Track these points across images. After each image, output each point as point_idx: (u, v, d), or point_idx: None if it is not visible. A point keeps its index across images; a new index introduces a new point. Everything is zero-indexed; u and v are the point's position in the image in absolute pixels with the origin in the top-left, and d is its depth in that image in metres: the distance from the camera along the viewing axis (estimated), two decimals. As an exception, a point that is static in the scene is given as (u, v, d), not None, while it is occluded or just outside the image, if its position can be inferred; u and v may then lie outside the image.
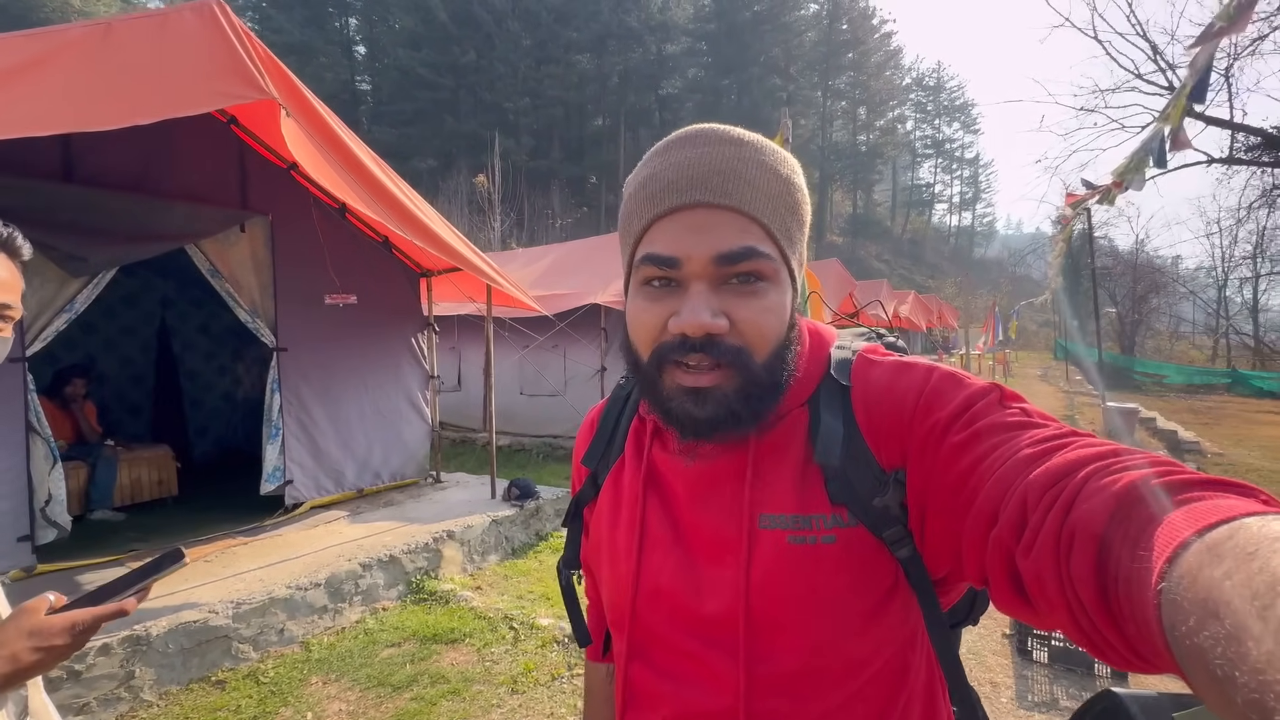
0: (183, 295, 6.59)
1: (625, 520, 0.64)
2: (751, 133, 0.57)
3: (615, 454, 0.69)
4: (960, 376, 0.54)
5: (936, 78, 60.08)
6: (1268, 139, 6.00)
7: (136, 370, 6.47)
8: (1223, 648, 0.24)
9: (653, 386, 0.57)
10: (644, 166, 0.58)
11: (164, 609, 2.83)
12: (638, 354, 0.58)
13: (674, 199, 0.54)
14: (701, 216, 0.53)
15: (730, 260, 0.52)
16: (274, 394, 4.25)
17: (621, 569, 0.63)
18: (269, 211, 4.22)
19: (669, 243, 0.54)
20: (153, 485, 4.82)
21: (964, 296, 37.87)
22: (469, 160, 30.28)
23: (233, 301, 4.09)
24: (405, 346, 5.20)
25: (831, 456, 0.55)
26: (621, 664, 0.64)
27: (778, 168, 0.56)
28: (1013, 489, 0.42)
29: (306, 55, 33.83)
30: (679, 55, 44.94)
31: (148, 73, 2.73)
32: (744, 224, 0.53)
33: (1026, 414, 0.49)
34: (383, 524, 4.18)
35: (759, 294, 0.54)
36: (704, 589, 0.58)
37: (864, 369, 0.59)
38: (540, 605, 3.57)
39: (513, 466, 6.98)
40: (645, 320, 0.56)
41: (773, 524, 0.56)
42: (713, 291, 0.53)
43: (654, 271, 0.55)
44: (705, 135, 0.56)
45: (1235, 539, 0.27)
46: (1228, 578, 0.25)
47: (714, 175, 0.53)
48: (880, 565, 0.54)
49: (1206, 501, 0.32)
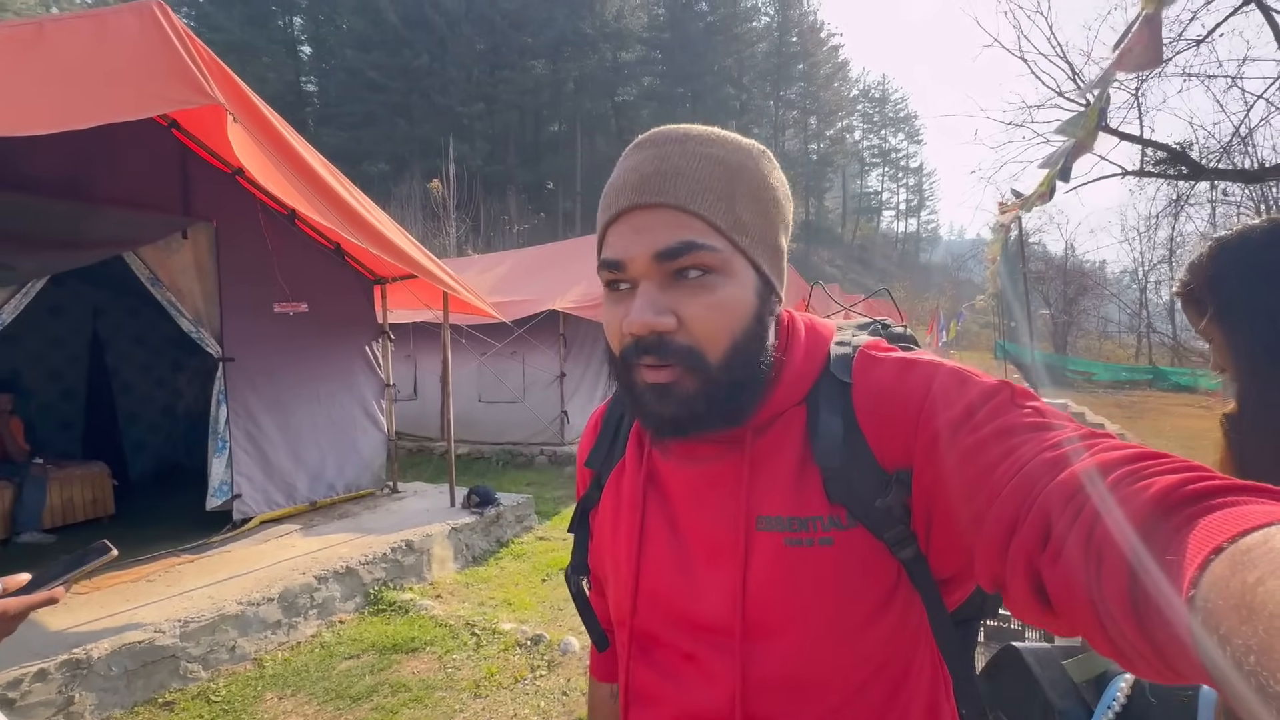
0: (117, 304, 6.27)
1: (625, 522, 0.64)
2: (705, 127, 0.57)
3: (617, 455, 0.69)
4: (967, 374, 0.53)
5: (882, 90, 62.49)
6: (1173, 154, 6.55)
7: (67, 384, 6.12)
8: (1255, 656, 0.23)
9: (626, 385, 0.57)
10: (612, 175, 0.60)
11: (105, 631, 2.72)
12: (613, 355, 0.58)
13: (618, 204, 0.55)
14: (640, 218, 0.54)
15: (669, 256, 0.52)
16: (220, 405, 4.11)
17: (622, 570, 0.64)
18: (213, 218, 4.10)
19: (615, 247, 0.55)
20: (86, 505, 4.59)
21: (911, 300, 39.38)
22: (422, 165, 29.72)
23: (175, 311, 3.95)
24: (359, 355, 5.11)
25: (831, 457, 0.54)
26: (624, 663, 0.64)
27: (727, 158, 0.55)
28: (1034, 495, 0.41)
29: (248, 54, 32.58)
30: (634, 63, 45.35)
31: (84, 76, 2.65)
32: (681, 219, 0.53)
33: (1041, 414, 0.47)
34: (338, 536, 4.10)
35: (708, 288, 0.53)
36: (701, 591, 0.58)
37: (866, 366, 0.58)
38: (502, 611, 3.58)
39: (472, 475, 6.91)
40: (610, 322, 0.57)
41: (770, 525, 0.55)
42: (660, 290, 0.53)
43: (609, 275, 0.56)
44: (654, 138, 0.57)
45: (1270, 544, 0.26)
46: (1261, 584, 0.25)
47: (653, 176, 0.54)
48: (880, 567, 0.53)
49: (1239, 508, 0.31)
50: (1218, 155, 6.75)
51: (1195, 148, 6.94)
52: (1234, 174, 6.54)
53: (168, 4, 2.95)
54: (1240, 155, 6.94)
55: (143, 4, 2.87)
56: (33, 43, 2.66)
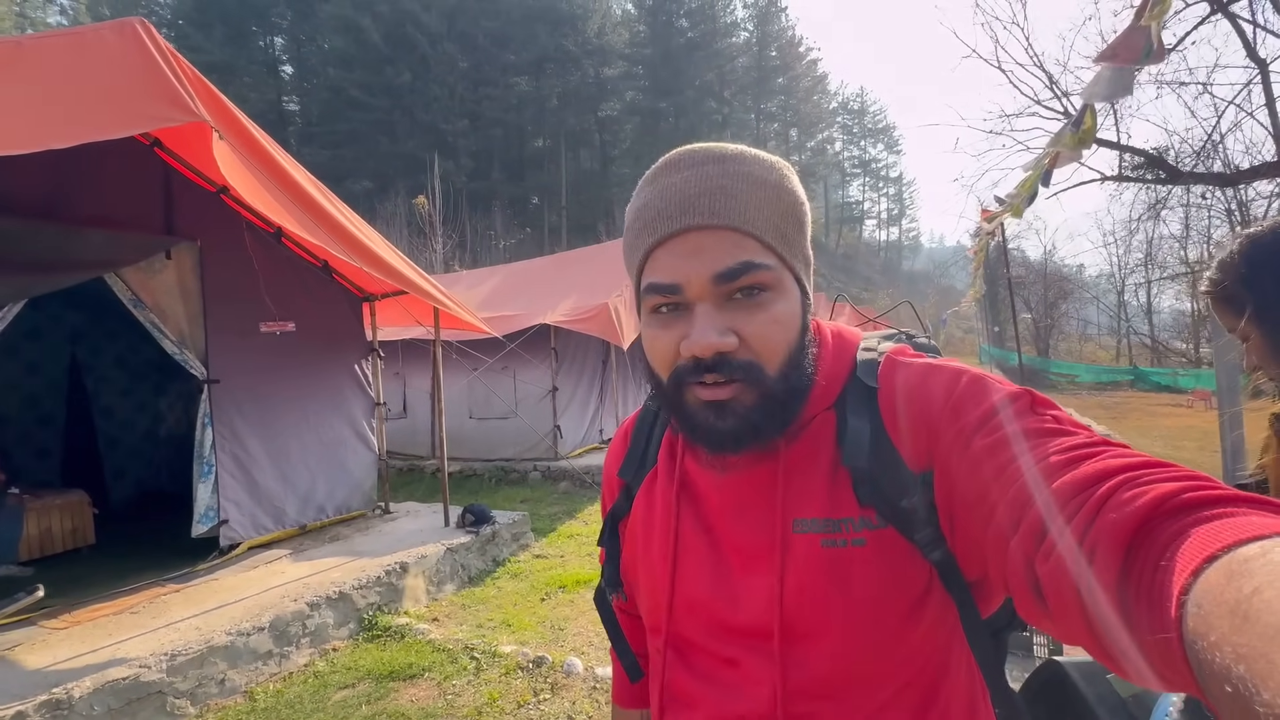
0: (96, 328, 6.12)
1: (659, 531, 0.65)
2: (737, 145, 0.58)
3: (648, 466, 0.70)
4: (990, 380, 0.54)
5: (860, 102, 63.65)
6: (1149, 159, 6.70)
7: (43, 410, 5.94)
8: (1246, 665, 0.24)
9: (676, 405, 0.58)
10: (638, 196, 0.60)
11: (86, 668, 2.60)
12: (659, 378, 0.59)
13: (667, 226, 0.55)
14: (695, 240, 0.55)
15: (729, 278, 0.53)
16: (205, 429, 4.00)
17: (658, 580, 0.64)
18: (197, 237, 4.02)
19: (668, 270, 0.55)
20: (66, 535, 4.42)
21: (895, 309, 39.75)
22: (407, 182, 29.66)
23: (158, 333, 3.85)
24: (348, 374, 5.02)
25: (859, 458, 0.55)
26: (659, 667, 0.64)
27: (765, 176, 0.57)
28: (1036, 495, 0.42)
29: (228, 74, 32.47)
30: (616, 79, 45.80)
31: (65, 94, 2.58)
32: (736, 239, 0.54)
33: (1058, 421, 0.48)
34: (330, 560, 3.99)
35: (764, 305, 0.54)
36: (739, 598, 0.58)
37: (891, 370, 0.59)
38: (501, 632, 3.49)
39: (465, 493, 6.80)
40: (659, 347, 0.57)
41: (806, 528, 0.56)
42: (718, 310, 0.54)
43: (659, 299, 0.56)
44: (690, 157, 0.57)
45: (1268, 556, 0.26)
46: (1257, 594, 0.25)
47: (702, 197, 0.55)
48: (913, 568, 0.54)
49: (1238, 518, 0.31)
50: (1193, 160, 6.91)
51: (1171, 152, 7.11)
52: (1210, 177, 6.69)
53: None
54: (1213, 159, 7.12)
55: (124, 21, 2.81)
56: (11, 60, 2.59)
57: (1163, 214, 10.59)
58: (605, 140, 45.55)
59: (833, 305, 0.81)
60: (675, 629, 0.62)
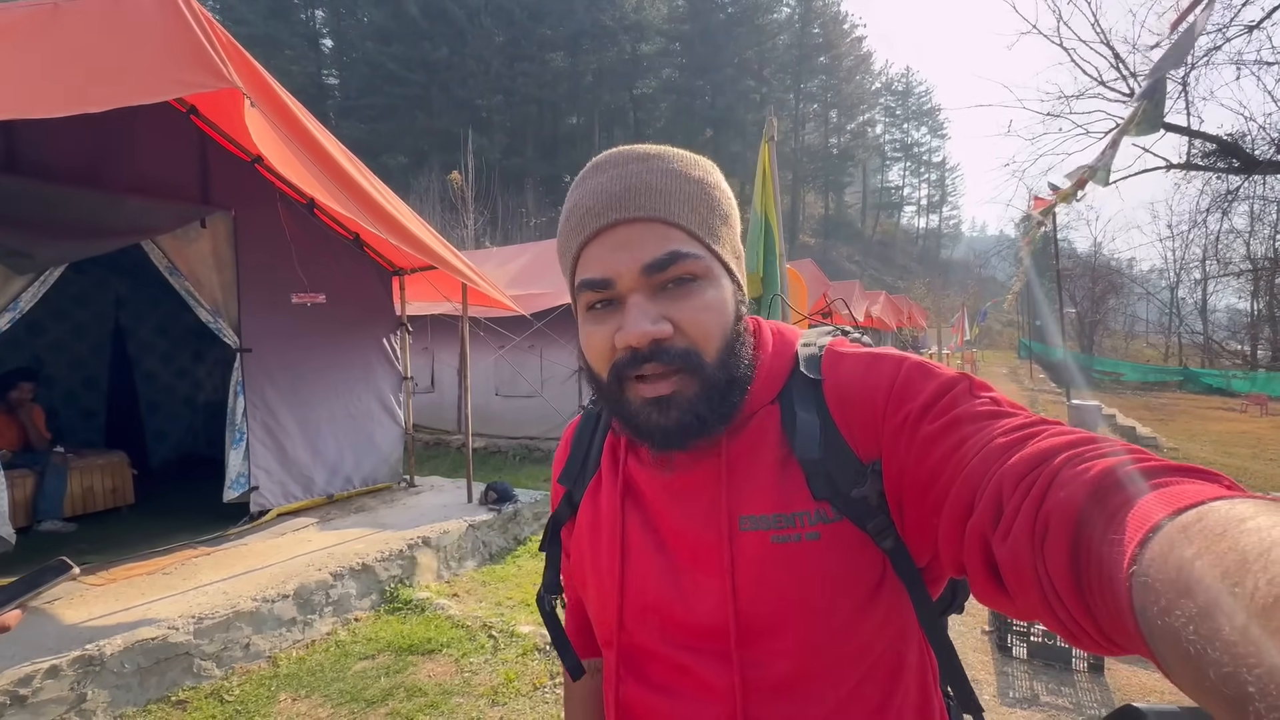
0: (138, 294, 6.29)
1: (606, 536, 0.64)
2: (660, 146, 0.59)
3: (591, 471, 0.69)
4: (930, 366, 0.55)
5: (905, 83, 61.37)
6: (1222, 145, 6.23)
7: (89, 373, 6.16)
8: (1195, 625, 0.25)
9: (617, 403, 0.57)
10: (568, 200, 0.60)
11: (118, 626, 2.67)
12: (598, 376, 0.58)
13: (595, 223, 0.56)
14: (623, 233, 0.55)
15: (658, 268, 0.54)
16: (238, 397, 4.07)
17: (606, 585, 0.63)
18: (232, 207, 4.05)
19: (599, 265, 0.56)
20: (106, 494, 4.58)
21: (933, 297, 38.74)
22: (441, 157, 29.80)
23: (193, 301, 3.91)
24: (377, 347, 5.05)
25: (811, 451, 0.55)
26: (612, 683, 0.63)
27: (688, 171, 0.57)
28: (987, 477, 0.42)
29: (271, 48, 32.86)
30: (653, 55, 45.00)
31: (100, 58, 2.58)
32: (663, 230, 0.55)
33: (996, 403, 0.49)
34: (354, 531, 4.04)
35: (694, 293, 0.55)
36: (690, 597, 0.57)
37: (833, 362, 0.59)
38: (520, 612, 3.49)
39: (488, 469, 6.85)
40: (595, 342, 0.57)
41: (754, 525, 0.55)
42: (650, 300, 0.54)
43: (592, 296, 0.56)
44: (614, 158, 0.58)
45: (1204, 521, 0.28)
46: (1198, 557, 0.26)
47: (627, 193, 0.55)
48: (866, 558, 0.54)
49: (1175, 487, 0.33)
50: (1271, 148, 6.41)
51: (1248, 139, 6.61)
52: (1289, 167, 6.21)
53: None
54: (1294, 148, 6.59)
55: (160, -15, 2.78)
56: (47, 24, 2.59)
57: (1230, 206, 9.94)
58: (640, 119, 44.97)
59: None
60: (627, 639, 0.61)
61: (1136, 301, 28.09)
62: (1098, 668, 2.81)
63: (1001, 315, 33.10)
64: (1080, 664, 2.83)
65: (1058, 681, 2.75)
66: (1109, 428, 10.56)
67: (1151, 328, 28.87)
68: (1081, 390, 15.40)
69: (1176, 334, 25.84)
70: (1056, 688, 2.70)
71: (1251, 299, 21.44)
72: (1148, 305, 27.97)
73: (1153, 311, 27.97)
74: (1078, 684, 2.73)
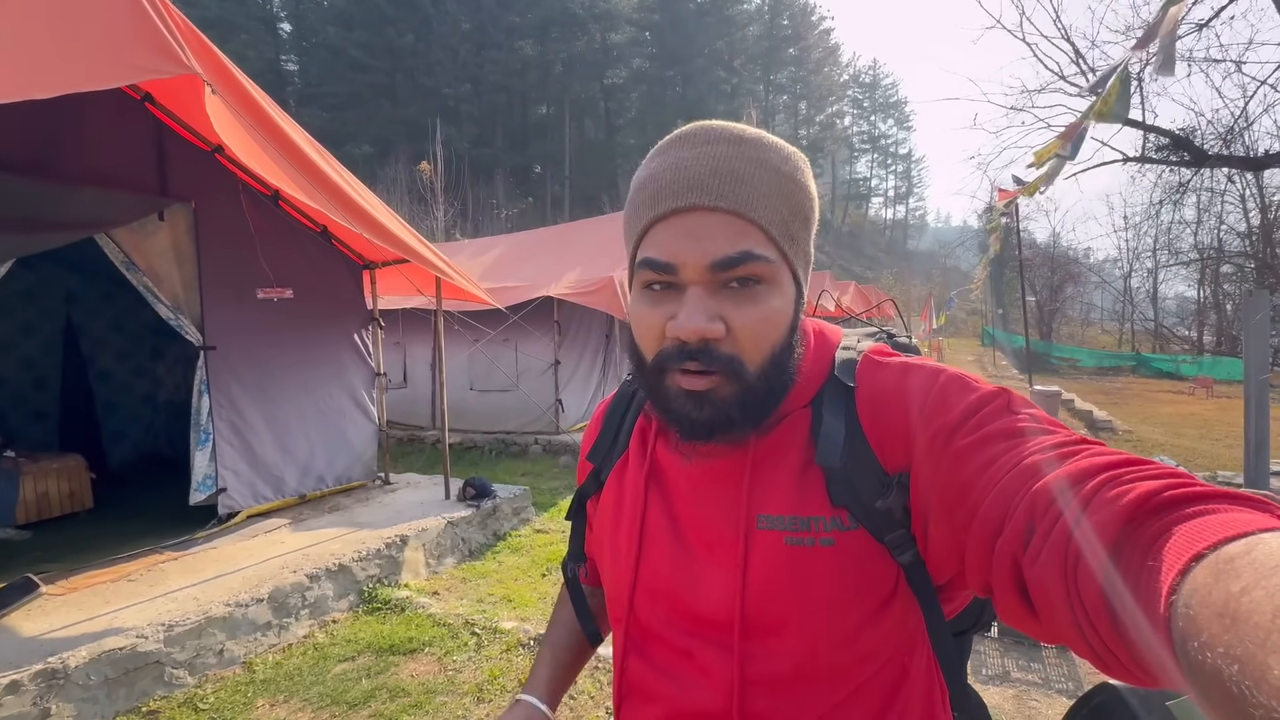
0: (92, 289, 6.01)
1: (627, 516, 0.64)
2: (757, 129, 0.56)
3: (620, 450, 0.69)
4: (968, 379, 0.54)
5: (872, 75, 62.21)
6: (1176, 140, 6.49)
7: (39, 372, 5.86)
8: (1240, 665, 0.24)
9: (656, 388, 0.57)
10: (645, 165, 0.58)
11: (82, 636, 2.56)
12: (642, 356, 0.57)
13: (670, 203, 0.53)
14: (697, 220, 0.53)
15: (727, 265, 0.52)
16: (202, 396, 3.93)
17: (621, 565, 0.63)
18: (192, 198, 3.88)
19: (666, 248, 0.53)
20: (63, 499, 4.39)
21: (900, 287, 39.54)
22: (408, 147, 29.11)
23: (152, 296, 3.75)
24: (348, 342, 4.92)
25: (833, 458, 0.54)
26: (619, 657, 0.64)
27: (779, 165, 0.55)
28: (1020, 496, 0.41)
29: (226, 31, 31.58)
30: (623, 45, 44.65)
31: (48, 42, 2.43)
32: (741, 226, 0.52)
33: (1035, 420, 0.48)
34: (329, 531, 3.95)
35: (757, 299, 0.53)
36: (700, 587, 0.58)
37: (869, 370, 0.59)
38: (502, 608, 3.47)
39: (465, 465, 6.77)
40: (647, 323, 0.56)
41: (771, 525, 0.55)
42: (710, 295, 0.53)
43: (652, 276, 0.54)
44: (703, 133, 0.55)
45: (1253, 554, 0.26)
46: (1246, 593, 0.25)
47: (710, 177, 0.52)
48: (880, 570, 0.53)
49: (1221, 515, 0.31)
50: (1218, 142, 6.70)
51: (1197, 134, 6.89)
52: (1236, 161, 6.49)
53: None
54: (1240, 143, 6.91)
55: (110, -36, 2.64)
56: (-12, 3, 2.43)
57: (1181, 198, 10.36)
58: (610, 109, 44.63)
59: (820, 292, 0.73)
60: (636, 618, 0.62)
61: (1093, 290, 29.16)
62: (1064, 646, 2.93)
63: (966, 304, 34.00)
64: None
65: (1027, 658, 2.86)
66: (1068, 412, 10.97)
67: (1107, 315, 30.04)
68: (1039, 375, 15.94)
69: (1130, 321, 26.94)
70: (1026, 664, 2.81)
71: (1199, 287, 22.44)
72: (1103, 294, 29.08)
73: (1108, 299, 29.10)
74: (1046, 660, 2.84)
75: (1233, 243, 18.50)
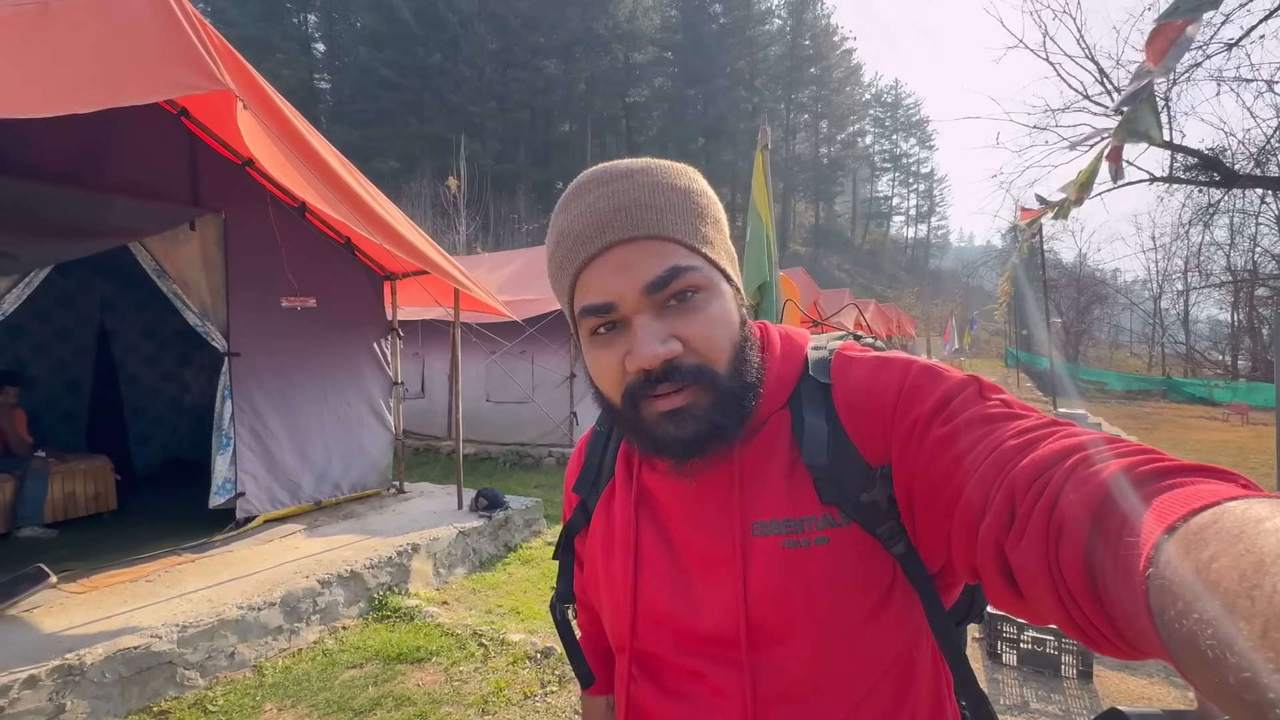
0: (125, 296, 6.21)
1: (619, 544, 0.64)
2: (641, 159, 0.58)
3: (605, 480, 0.69)
4: (939, 369, 0.55)
5: (894, 94, 62.15)
6: (1203, 160, 6.36)
7: (71, 376, 6.06)
8: (1213, 629, 0.25)
9: (634, 423, 0.56)
10: (554, 225, 0.59)
11: (100, 634, 2.61)
12: (609, 400, 0.58)
13: (589, 247, 0.55)
14: (619, 255, 0.54)
15: (660, 285, 0.53)
16: (225, 401, 4.02)
17: (619, 594, 0.63)
18: (222, 209, 4.01)
19: (599, 289, 0.54)
20: (88, 499, 4.50)
21: (922, 306, 39.10)
22: (433, 163, 29.72)
23: (180, 303, 3.86)
24: (367, 352, 5.01)
25: (818, 456, 0.55)
26: (624, 685, 0.63)
27: (674, 182, 0.57)
28: (999, 480, 0.42)
29: (262, 51, 32.69)
30: (646, 64, 45.29)
31: (90, 58, 2.55)
32: (659, 246, 0.54)
33: (1007, 405, 0.49)
34: (343, 537, 3.99)
35: (699, 307, 0.54)
36: (701, 605, 0.57)
37: (843, 366, 0.59)
38: (510, 620, 3.46)
39: (479, 475, 6.80)
40: (604, 366, 0.56)
41: (766, 530, 0.55)
42: (656, 319, 0.53)
43: (596, 320, 0.55)
44: (598, 176, 0.57)
45: (1220, 522, 0.28)
46: (1215, 560, 0.26)
47: (618, 212, 0.54)
48: (876, 563, 0.54)
49: (1190, 487, 0.32)
50: (1249, 163, 6.56)
51: (1228, 154, 6.75)
52: (1269, 181, 6.34)
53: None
54: (1272, 163, 6.74)
55: (153, -15, 2.77)
56: (37, 23, 2.57)
57: (1211, 219, 10.13)
58: (632, 126, 45.18)
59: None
60: (640, 645, 0.62)
61: (1121, 312, 28.53)
62: (1086, 674, 2.83)
63: (989, 324, 33.45)
64: (1069, 671, 2.85)
65: (1047, 688, 2.76)
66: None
67: (1135, 338, 29.31)
68: (1069, 399, 15.57)
69: (1160, 344, 26.24)
70: (1046, 695, 2.72)
71: (1232, 310, 21.82)
72: (1132, 315, 28.41)
73: (1136, 322, 28.42)
74: (1067, 690, 2.74)
75: (1268, 265, 17.98)
